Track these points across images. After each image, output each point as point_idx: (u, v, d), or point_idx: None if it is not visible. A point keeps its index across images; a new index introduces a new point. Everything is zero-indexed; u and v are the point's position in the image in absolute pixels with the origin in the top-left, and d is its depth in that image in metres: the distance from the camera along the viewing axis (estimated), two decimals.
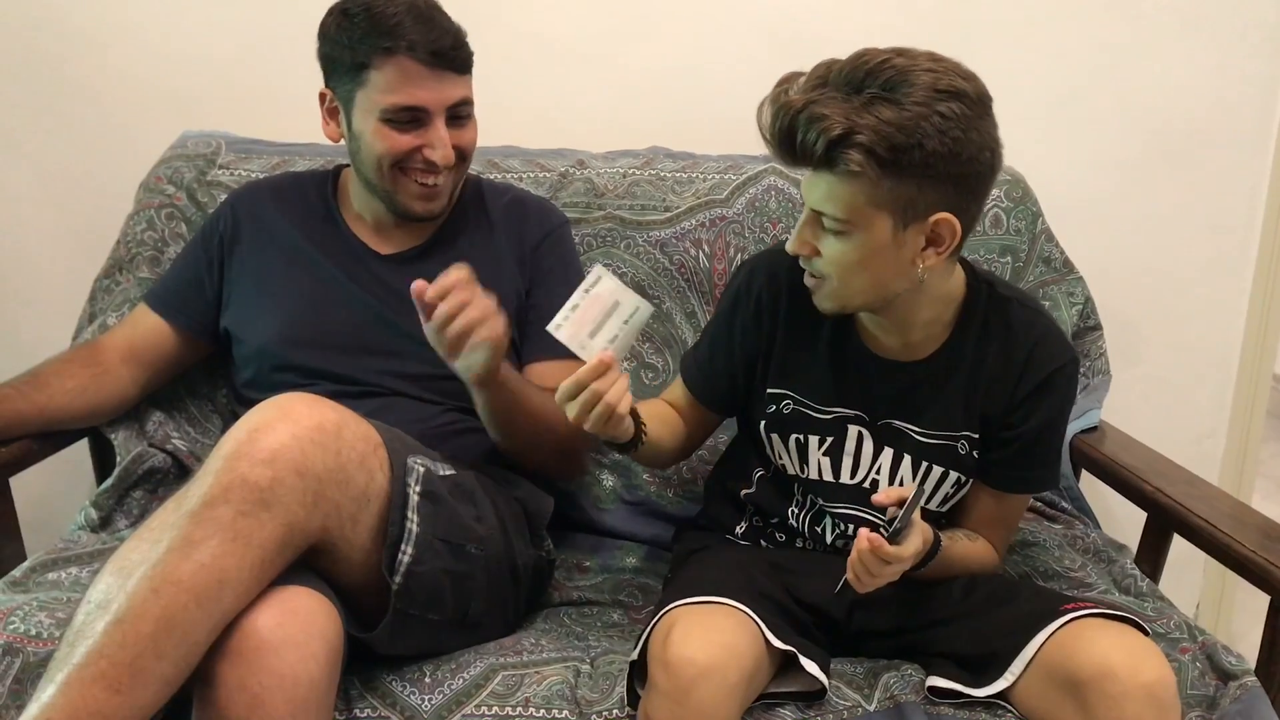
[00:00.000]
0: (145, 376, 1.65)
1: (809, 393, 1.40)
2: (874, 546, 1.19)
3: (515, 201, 1.67)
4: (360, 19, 1.46)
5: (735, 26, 2.00)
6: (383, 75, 1.45)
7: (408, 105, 1.46)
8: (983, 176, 1.23)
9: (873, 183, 1.18)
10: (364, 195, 1.59)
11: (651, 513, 1.74)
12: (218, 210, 1.68)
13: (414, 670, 1.28)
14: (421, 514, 1.25)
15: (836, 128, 1.16)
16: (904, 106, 1.16)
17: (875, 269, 1.25)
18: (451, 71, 1.48)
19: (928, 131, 1.16)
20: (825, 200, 1.22)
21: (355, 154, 1.54)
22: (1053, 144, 2.03)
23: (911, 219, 1.22)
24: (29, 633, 1.22)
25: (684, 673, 1.13)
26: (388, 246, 1.60)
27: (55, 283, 1.98)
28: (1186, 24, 2.01)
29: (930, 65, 1.19)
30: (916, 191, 1.20)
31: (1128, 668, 1.15)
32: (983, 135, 1.21)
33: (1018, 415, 1.37)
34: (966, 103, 1.18)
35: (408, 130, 1.48)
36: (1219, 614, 2.32)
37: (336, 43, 1.48)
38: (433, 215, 1.56)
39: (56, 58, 1.99)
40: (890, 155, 1.16)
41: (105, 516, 1.57)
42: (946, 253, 1.25)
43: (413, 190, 1.52)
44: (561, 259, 1.65)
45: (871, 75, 1.18)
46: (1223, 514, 1.47)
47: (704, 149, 1.93)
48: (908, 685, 1.28)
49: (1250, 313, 2.15)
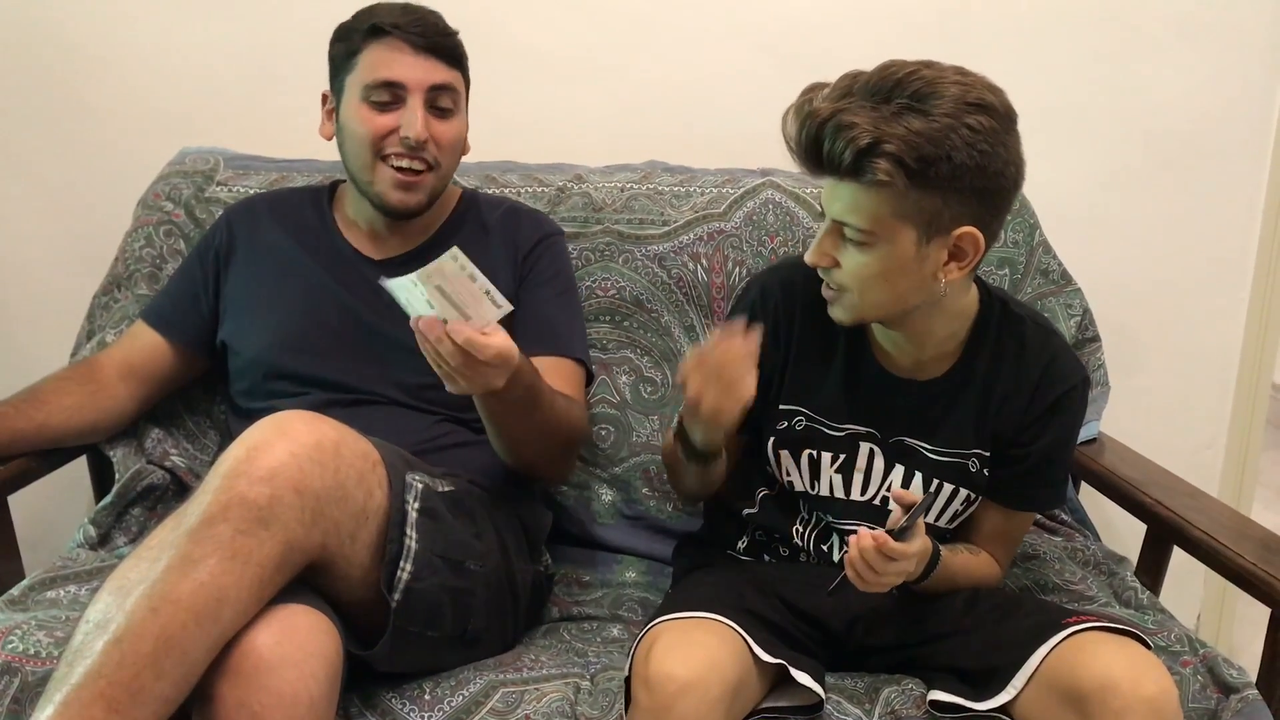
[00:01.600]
0: (143, 393, 1.64)
1: (822, 410, 1.40)
2: (879, 543, 1.18)
3: (511, 212, 1.68)
4: (360, 16, 1.52)
5: (733, 41, 2.01)
6: (369, 55, 1.49)
7: (387, 80, 1.48)
8: (1007, 191, 1.24)
9: (899, 194, 1.18)
10: (356, 199, 1.60)
11: (651, 528, 1.74)
12: (214, 225, 1.69)
13: (414, 688, 1.28)
14: (420, 530, 1.25)
15: (865, 137, 1.16)
16: (933, 118, 1.16)
17: (896, 282, 1.25)
18: (437, 57, 1.50)
19: (956, 144, 1.16)
20: (849, 211, 1.22)
21: (342, 146, 1.55)
22: (1050, 155, 2.01)
23: (936, 232, 1.22)
24: (27, 651, 1.21)
25: (664, 689, 1.13)
26: (381, 252, 1.60)
27: (54, 299, 1.98)
28: (1183, 35, 2.02)
29: (958, 78, 1.19)
30: (942, 204, 1.20)
31: (1130, 681, 1.14)
32: (1009, 150, 1.21)
33: (1028, 434, 1.37)
34: (994, 116, 1.19)
35: (387, 110, 1.49)
36: (1220, 626, 2.31)
37: (337, 41, 1.54)
38: (410, 209, 1.54)
39: (56, 74, 1.99)
40: (918, 166, 1.16)
41: (104, 534, 1.57)
42: (969, 267, 1.25)
43: (389, 177, 1.51)
44: (554, 266, 1.65)
45: (900, 86, 1.18)
46: (1223, 526, 1.47)
47: (702, 163, 1.93)
48: (909, 699, 1.28)
49: (1249, 322, 2.15)
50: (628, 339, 1.80)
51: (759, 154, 1.96)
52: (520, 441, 1.47)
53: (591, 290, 1.79)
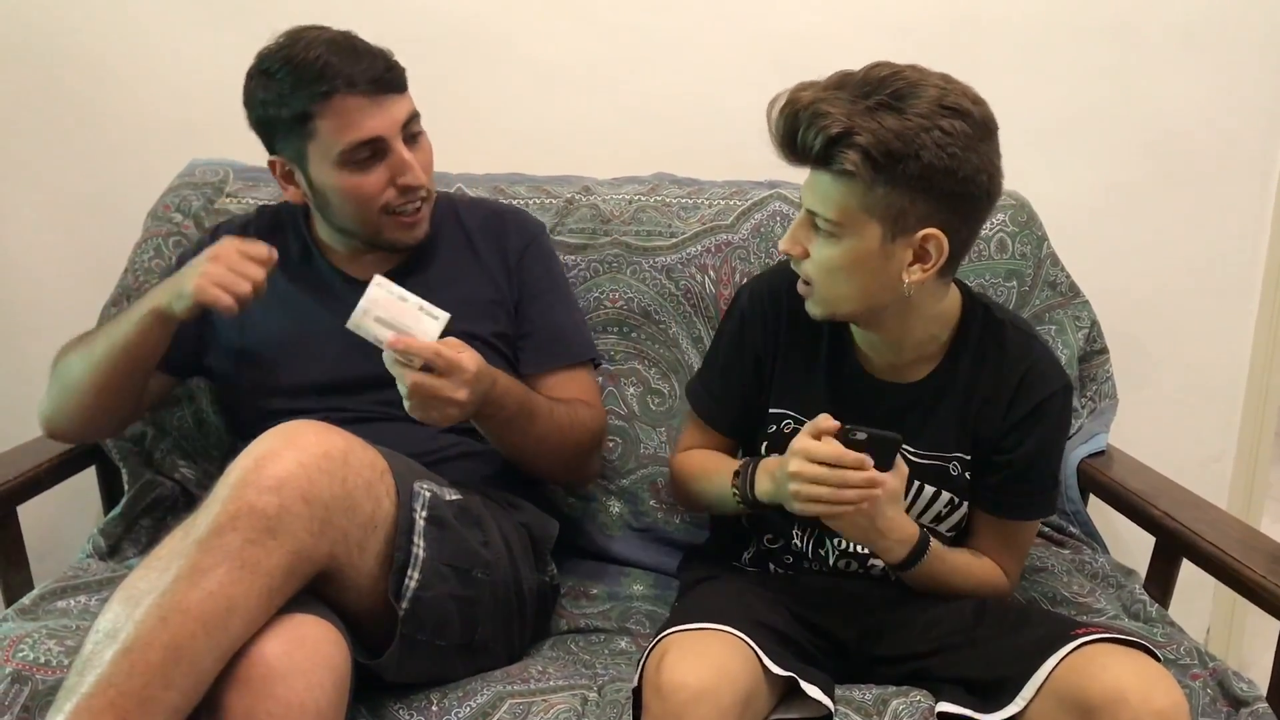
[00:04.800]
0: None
1: (808, 412, 1.40)
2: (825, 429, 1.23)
3: (493, 214, 1.68)
4: (283, 74, 1.44)
5: (741, 53, 2.01)
6: (328, 121, 1.44)
7: (364, 139, 1.45)
8: (978, 200, 1.24)
9: (866, 186, 1.20)
10: (334, 234, 1.59)
11: (658, 539, 1.74)
12: (197, 247, 1.65)
13: (421, 698, 1.27)
14: (428, 539, 1.25)
15: (836, 126, 1.18)
16: (907, 116, 1.18)
17: (861, 277, 1.27)
18: (393, 93, 1.47)
19: (925, 144, 1.18)
20: (820, 200, 1.25)
21: (325, 208, 1.53)
22: (1057, 168, 2.03)
23: (901, 230, 1.23)
24: (38, 660, 1.21)
25: (676, 697, 1.13)
26: (364, 271, 1.58)
27: (63, 310, 1.98)
28: (1189, 47, 2.02)
29: (940, 82, 1.22)
30: (909, 203, 1.21)
31: (1140, 693, 1.14)
32: (981, 158, 1.22)
33: (1009, 440, 1.38)
34: (969, 123, 1.20)
35: (370, 167, 1.47)
36: (1229, 640, 2.30)
37: (268, 103, 1.46)
38: (420, 241, 1.57)
39: (67, 85, 2.00)
40: (885, 161, 1.18)
41: (113, 545, 1.57)
42: (933, 270, 1.26)
43: (394, 224, 1.52)
44: (547, 269, 1.66)
45: (882, 84, 1.20)
46: (1232, 539, 1.47)
47: (709, 175, 1.94)
48: (917, 711, 1.27)
49: (1257, 334, 2.14)
50: (635, 350, 1.80)
51: (766, 166, 1.96)
52: (527, 454, 1.50)
53: (599, 301, 1.79)
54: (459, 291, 1.55)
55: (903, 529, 1.31)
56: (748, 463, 1.37)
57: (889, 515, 1.29)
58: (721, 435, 1.50)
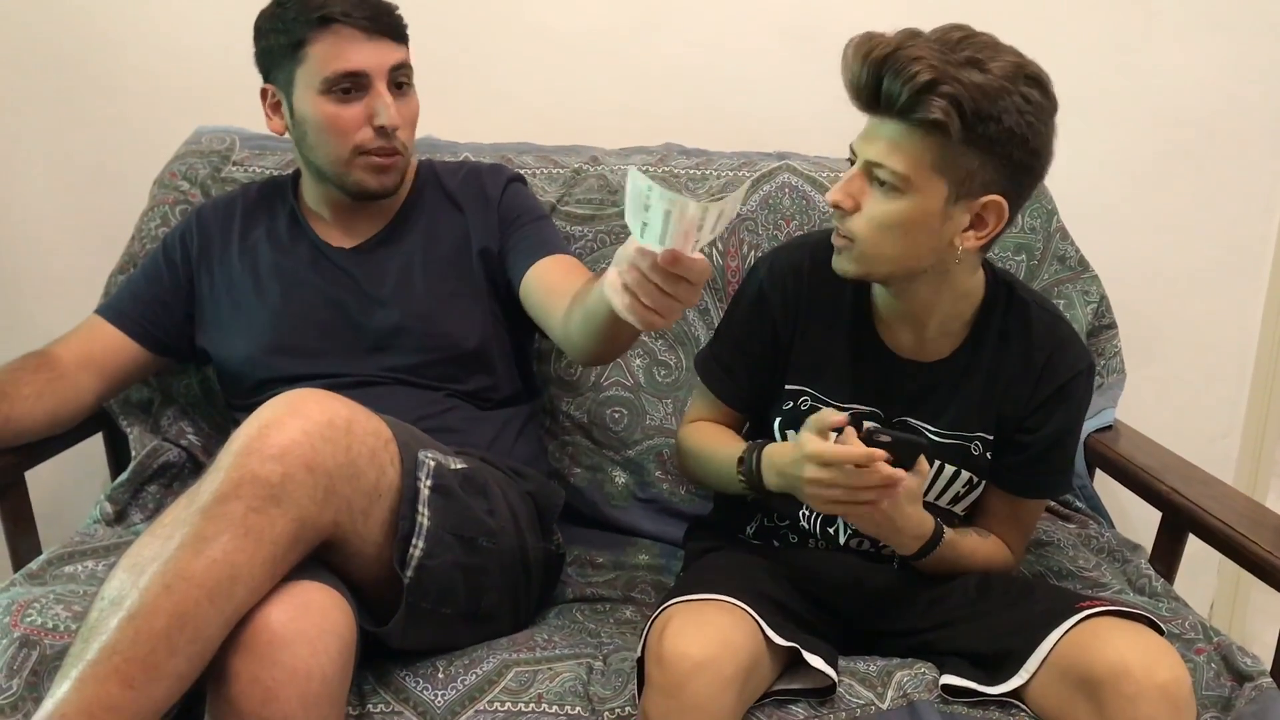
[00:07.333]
0: (104, 387, 1.60)
1: (827, 390, 1.40)
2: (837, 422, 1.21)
3: (471, 173, 1.68)
4: (292, 3, 1.48)
5: (750, 23, 2.00)
6: (320, 47, 1.46)
7: (348, 70, 1.46)
8: (1036, 175, 1.25)
9: (945, 141, 1.18)
10: (316, 187, 1.59)
11: (664, 510, 1.75)
12: (182, 227, 1.66)
13: (427, 666, 1.28)
14: (432, 508, 1.25)
15: (927, 73, 1.16)
16: (992, 75, 1.17)
17: (913, 237, 1.24)
18: (388, 38, 1.49)
19: (1008, 107, 1.17)
20: (889, 152, 1.21)
21: (301, 140, 1.53)
22: (1068, 142, 1.98)
23: (965, 193, 1.22)
24: (46, 625, 1.22)
25: (678, 667, 1.13)
26: (351, 239, 1.60)
27: (70, 278, 1.99)
28: (1202, 22, 2.00)
29: (1016, 52, 1.21)
30: (978, 165, 1.20)
31: (1143, 667, 1.14)
32: (1049, 133, 1.22)
33: (1033, 420, 1.37)
34: (1046, 95, 1.21)
35: (350, 101, 1.48)
36: (1233, 614, 2.31)
37: (271, 32, 1.50)
38: (387, 190, 1.55)
39: (72, 53, 1.99)
40: (972, 117, 1.16)
41: (120, 510, 1.57)
42: (987, 238, 1.25)
43: (365, 164, 1.51)
44: (527, 205, 1.65)
45: (963, 42, 1.19)
46: (1238, 514, 1.46)
47: (718, 146, 1.93)
48: (921, 684, 1.27)
49: (1266, 310, 2.13)
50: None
51: (776, 137, 1.95)
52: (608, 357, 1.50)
53: None
54: (445, 249, 1.57)
55: (920, 525, 1.30)
56: (752, 449, 1.35)
57: (907, 512, 1.27)
58: (731, 409, 1.48)
